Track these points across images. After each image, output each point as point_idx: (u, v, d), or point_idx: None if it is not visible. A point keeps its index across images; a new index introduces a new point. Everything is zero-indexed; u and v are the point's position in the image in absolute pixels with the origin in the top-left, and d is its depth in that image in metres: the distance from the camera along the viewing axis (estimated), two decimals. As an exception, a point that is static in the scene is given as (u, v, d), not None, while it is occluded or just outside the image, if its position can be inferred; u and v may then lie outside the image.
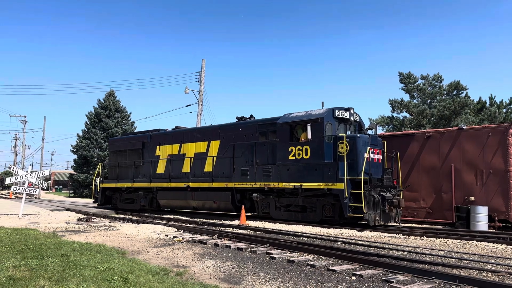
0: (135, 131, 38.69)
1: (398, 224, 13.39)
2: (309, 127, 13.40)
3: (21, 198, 18.51)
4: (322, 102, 14.48)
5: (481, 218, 12.95)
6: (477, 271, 6.60)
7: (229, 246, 9.03)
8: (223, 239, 10.05)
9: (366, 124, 15.39)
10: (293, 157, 14.03)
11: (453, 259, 7.65)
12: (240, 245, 9.11)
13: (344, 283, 5.84)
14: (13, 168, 19.61)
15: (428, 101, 32.60)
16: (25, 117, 62.55)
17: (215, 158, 16.69)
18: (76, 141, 44.93)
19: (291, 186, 13.98)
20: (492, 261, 7.54)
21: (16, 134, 70.22)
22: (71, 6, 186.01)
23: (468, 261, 7.50)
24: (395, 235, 11.43)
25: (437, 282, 5.75)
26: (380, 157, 13.91)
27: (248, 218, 14.82)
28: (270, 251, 8.26)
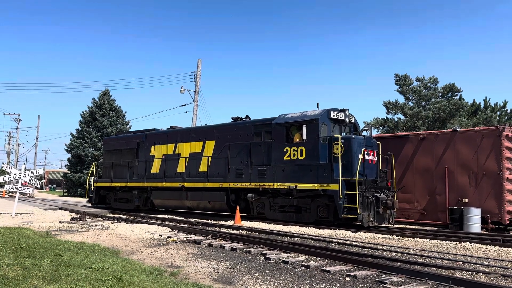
0: (130, 130, 38.60)
1: (392, 225, 13.45)
2: (304, 128, 13.43)
3: (14, 196, 18.39)
4: (318, 103, 14.57)
5: (474, 220, 13.04)
6: (470, 272, 6.65)
7: (224, 247, 9.02)
8: (217, 240, 10.05)
9: (361, 125, 15.45)
10: (288, 158, 14.05)
11: (447, 261, 7.69)
12: (235, 245, 9.11)
13: (338, 284, 5.86)
14: (7, 166, 19.45)
15: (423, 103, 32.78)
16: (19, 115, 62.14)
17: (210, 158, 16.68)
18: (70, 140, 44.75)
19: (286, 187, 14.00)
20: (485, 262, 7.59)
21: (9, 133, 69.78)
22: (66, 5, 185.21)
23: (461, 262, 7.54)
24: (389, 236, 11.48)
25: (431, 283, 5.78)
26: (375, 158, 13.96)
27: (242, 218, 14.82)
28: (264, 252, 8.26)
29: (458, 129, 14.61)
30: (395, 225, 13.64)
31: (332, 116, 13.90)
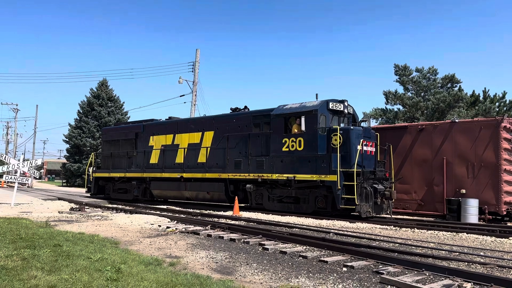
0: (128, 121, 38.54)
1: (390, 216, 13.52)
2: (303, 119, 13.42)
3: (13, 187, 18.41)
4: (317, 94, 14.51)
5: (472, 211, 13.11)
6: (466, 263, 6.70)
7: (222, 237, 9.07)
8: (216, 230, 10.10)
9: (360, 116, 15.45)
10: (287, 149, 14.06)
11: (443, 251, 7.75)
12: (233, 236, 9.15)
13: (335, 274, 5.90)
14: (5, 157, 19.41)
15: (422, 94, 32.74)
16: (17, 105, 61.84)
17: (208, 149, 16.68)
18: (69, 130, 44.67)
19: (285, 178, 14.03)
20: (481, 253, 7.65)
21: (7, 123, 69.58)
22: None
23: (457, 253, 7.60)
24: (386, 226, 11.54)
25: (427, 274, 5.82)
26: (373, 149, 13.98)
27: (241, 209, 14.88)
28: (262, 242, 8.31)
29: (456, 120, 14.62)
30: (393, 216, 13.71)
31: (330, 107, 13.88)
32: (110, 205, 17.44)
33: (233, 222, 11.86)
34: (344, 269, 6.24)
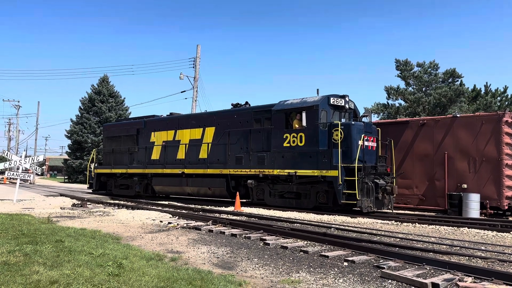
0: (129, 117, 38.57)
1: (391, 211, 13.53)
2: (304, 115, 13.40)
3: (15, 183, 18.46)
4: (318, 89, 14.50)
5: (473, 205, 13.10)
6: (467, 257, 6.70)
7: (224, 232, 9.09)
8: (217, 225, 10.12)
9: (361, 111, 15.42)
10: (288, 144, 14.05)
11: (444, 246, 7.75)
12: (234, 231, 9.17)
13: (336, 269, 5.91)
14: (7, 153, 19.46)
15: (424, 89, 32.64)
16: (18, 102, 61.93)
17: (210, 144, 16.69)
18: (70, 126, 44.74)
19: (286, 173, 14.03)
20: (483, 247, 7.65)
21: (9, 119, 69.81)
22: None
23: (458, 247, 7.60)
24: (387, 221, 11.54)
25: (428, 268, 5.83)
26: (374, 144, 13.97)
27: (242, 204, 14.90)
28: (264, 237, 8.32)
29: (458, 115, 14.59)
30: (394, 211, 13.71)
31: (332, 102, 13.86)
32: (112, 201, 17.50)
33: (234, 217, 11.89)
34: (345, 263, 6.25)
